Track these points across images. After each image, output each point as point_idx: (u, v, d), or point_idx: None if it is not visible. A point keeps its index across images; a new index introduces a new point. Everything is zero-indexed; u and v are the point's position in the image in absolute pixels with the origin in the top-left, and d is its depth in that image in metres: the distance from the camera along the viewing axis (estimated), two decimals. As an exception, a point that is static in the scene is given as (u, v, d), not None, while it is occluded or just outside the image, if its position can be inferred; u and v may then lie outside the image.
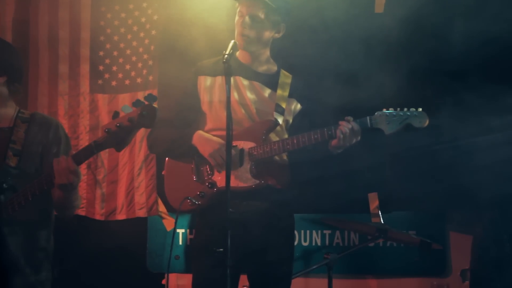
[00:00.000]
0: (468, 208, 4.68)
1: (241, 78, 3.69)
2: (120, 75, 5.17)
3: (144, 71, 5.11)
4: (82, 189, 5.09)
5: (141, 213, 5.09)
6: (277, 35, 3.74)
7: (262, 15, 3.62)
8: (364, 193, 4.93)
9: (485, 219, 4.24)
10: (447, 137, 4.57)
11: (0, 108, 3.43)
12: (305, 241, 5.06)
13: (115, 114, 2.99)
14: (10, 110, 3.46)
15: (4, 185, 3.26)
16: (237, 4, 3.71)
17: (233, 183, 3.42)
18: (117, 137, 3.00)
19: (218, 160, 3.52)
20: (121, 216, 5.13)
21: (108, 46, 5.20)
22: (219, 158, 3.51)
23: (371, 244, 4.79)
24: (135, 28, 5.16)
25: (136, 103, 2.95)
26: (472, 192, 4.43)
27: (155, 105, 2.94)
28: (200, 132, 3.62)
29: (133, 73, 5.15)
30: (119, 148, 3.07)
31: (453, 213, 4.93)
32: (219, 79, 3.68)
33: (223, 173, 3.50)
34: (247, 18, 3.62)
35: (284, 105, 3.67)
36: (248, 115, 3.66)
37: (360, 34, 4.63)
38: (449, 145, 4.59)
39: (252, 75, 3.72)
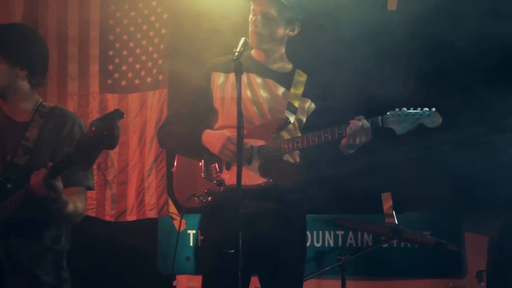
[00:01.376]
0: (484, 208, 4.61)
1: (255, 76, 3.65)
2: (129, 75, 5.14)
3: (154, 70, 5.07)
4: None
5: (152, 214, 5.06)
6: (291, 33, 3.68)
7: (274, 13, 3.57)
8: (378, 193, 4.87)
9: (502, 219, 4.16)
10: (462, 136, 4.50)
11: (20, 102, 3.30)
12: (317, 242, 5.01)
13: (90, 128, 2.82)
14: (31, 103, 3.33)
15: (9, 185, 3.18)
16: (251, 2, 3.66)
17: (241, 181, 3.36)
18: (84, 154, 2.81)
19: (228, 154, 3.47)
20: (131, 217, 5.10)
21: (117, 45, 5.18)
22: (228, 151, 3.46)
23: (385, 245, 4.72)
24: (144, 27, 5.13)
25: (104, 118, 2.74)
26: (488, 191, 4.37)
27: (119, 123, 2.72)
28: (208, 130, 3.58)
29: (143, 73, 5.11)
30: (84, 167, 2.87)
31: (469, 213, 4.86)
32: (232, 76, 3.62)
33: (232, 171, 3.48)
34: (259, 17, 3.58)
35: (297, 104, 3.62)
36: (260, 113, 3.61)
37: (374, 32, 4.57)
38: (464, 144, 4.52)
39: (266, 72, 3.67)
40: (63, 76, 5.19)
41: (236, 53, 3.25)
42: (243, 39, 3.36)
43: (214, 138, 3.53)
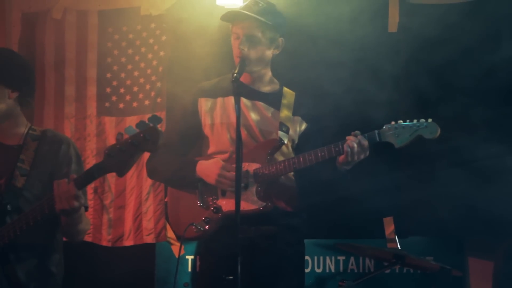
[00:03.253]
0: (489, 233, 4.52)
1: (243, 99, 3.55)
2: (127, 97, 5.08)
3: (152, 93, 5.02)
4: (89, 214, 4.96)
5: (149, 239, 4.97)
6: (277, 51, 3.61)
7: (259, 34, 3.49)
8: (379, 217, 4.79)
9: (507, 244, 4.09)
10: (466, 159, 4.44)
11: (11, 125, 3.32)
12: (318, 267, 4.92)
13: (119, 136, 2.83)
14: (21, 127, 3.35)
15: (8, 206, 3.17)
16: (230, 25, 3.58)
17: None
18: (119, 161, 2.82)
19: (224, 182, 3.41)
20: (128, 242, 5.01)
21: (115, 68, 5.12)
22: (225, 179, 3.40)
23: (387, 271, 4.63)
24: (143, 50, 5.08)
25: (140, 125, 2.76)
26: (493, 215, 4.29)
27: (160, 127, 2.75)
28: (201, 161, 3.51)
29: (141, 95, 5.05)
30: (121, 173, 2.87)
31: (473, 238, 4.76)
32: (220, 101, 3.59)
33: (228, 197, 3.41)
34: (243, 40, 3.49)
35: (288, 124, 3.55)
36: (251, 136, 3.54)
37: (374, 53, 4.54)
38: (468, 166, 4.45)
39: (254, 95, 3.60)
40: (60, 98, 5.13)
41: (235, 75, 3.21)
42: (241, 60, 3.32)
43: (208, 168, 3.45)
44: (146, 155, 4.82)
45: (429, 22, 4.47)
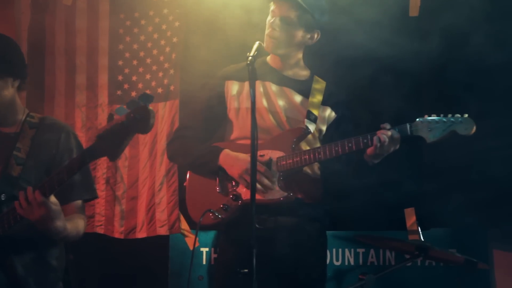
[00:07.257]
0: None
1: (271, 84, 3.51)
2: (140, 85, 4.97)
3: (165, 81, 4.90)
4: (101, 205, 4.90)
5: (163, 230, 4.86)
6: (310, 41, 3.55)
7: (294, 17, 3.43)
8: (400, 208, 4.67)
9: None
10: (490, 146, 4.32)
11: (9, 112, 3.20)
12: (337, 260, 4.81)
13: (110, 117, 2.68)
14: (19, 113, 3.24)
15: (2, 197, 3.05)
16: (271, 2, 3.51)
17: (259, 195, 3.21)
18: (110, 143, 2.66)
19: (248, 179, 3.29)
20: (141, 234, 4.91)
21: (127, 55, 5.01)
22: (249, 176, 3.27)
23: (409, 264, 4.50)
24: (155, 36, 4.96)
25: (130, 104, 2.61)
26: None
27: (150, 107, 2.58)
28: (227, 151, 3.41)
29: (153, 83, 4.94)
30: (113, 157, 2.71)
31: (497, 230, 4.64)
32: (248, 85, 3.46)
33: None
34: (277, 20, 3.44)
35: (316, 113, 3.47)
36: (278, 123, 3.46)
37: (395, 39, 4.40)
38: (492, 154, 4.35)
39: (282, 80, 3.52)
40: (71, 87, 5.04)
41: (250, 58, 3.12)
42: (257, 43, 3.23)
43: (235, 161, 3.35)
44: (161, 145, 4.79)
45: (451, 5, 4.37)
